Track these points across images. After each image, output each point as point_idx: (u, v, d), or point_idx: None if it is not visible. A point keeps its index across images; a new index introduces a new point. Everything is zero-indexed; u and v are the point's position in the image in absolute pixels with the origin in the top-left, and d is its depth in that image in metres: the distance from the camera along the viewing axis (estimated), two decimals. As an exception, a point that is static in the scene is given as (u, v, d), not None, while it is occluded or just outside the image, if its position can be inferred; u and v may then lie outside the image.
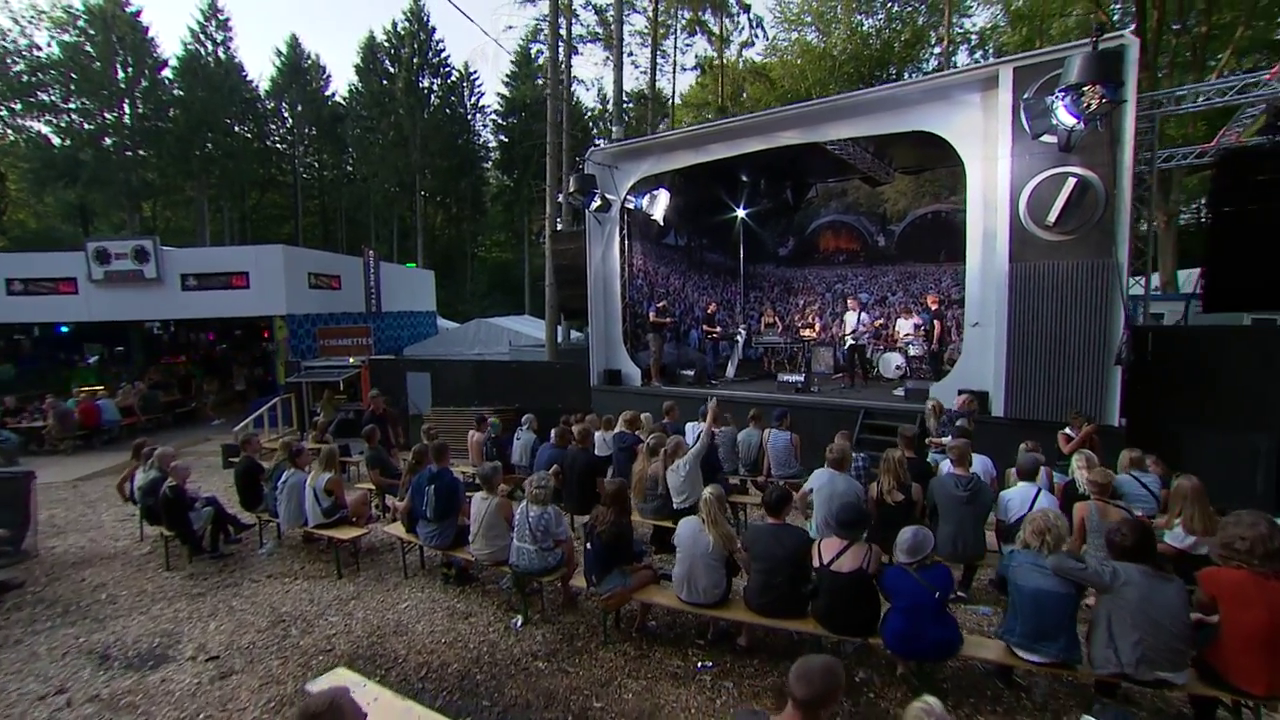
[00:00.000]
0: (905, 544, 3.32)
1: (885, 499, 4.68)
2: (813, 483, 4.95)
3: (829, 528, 4.70)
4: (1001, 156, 7.77)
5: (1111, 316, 7.16)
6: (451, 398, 14.02)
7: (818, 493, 4.89)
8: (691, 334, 14.15)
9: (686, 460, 5.31)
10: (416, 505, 5.02)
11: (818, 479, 4.91)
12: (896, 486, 4.65)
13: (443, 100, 36.41)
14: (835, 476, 4.84)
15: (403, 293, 21.82)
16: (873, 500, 4.81)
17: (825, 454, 5.03)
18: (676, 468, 5.33)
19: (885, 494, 4.68)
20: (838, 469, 4.89)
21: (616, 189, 11.75)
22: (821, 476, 4.91)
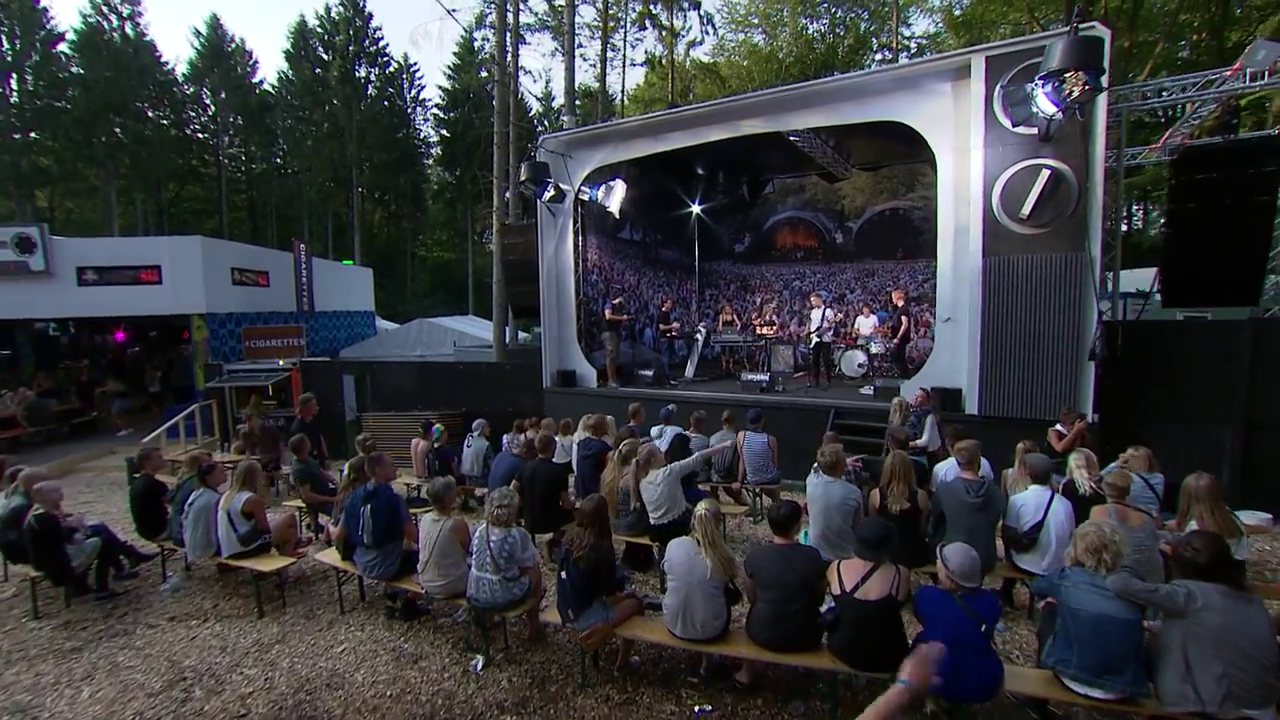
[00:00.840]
0: (958, 566, 2.85)
1: (889, 508, 4.24)
2: (808, 493, 4.48)
3: (829, 544, 4.26)
4: (974, 148, 7.58)
5: (1085, 311, 7.05)
6: (392, 402, 13.05)
7: (812, 503, 4.42)
8: (646, 333, 13.65)
9: (667, 472, 4.74)
10: (351, 529, 4.26)
11: (812, 488, 4.44)
12: (905, 494, 4.22)
13: (380, 91, 34.72)
14: (830, 484, 4.38)
15: (338, 291, 20.44)
16: (873, 509, 4.37)
17: (817, 458, 4.56)
18: (654, 479, 4.76)
19: (889, 502, 4.25)
20: (831, 475, 4.44)
21: (570, 179, 11.11)
22: (814, 484, 4.44)
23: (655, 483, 4.74)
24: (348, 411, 12.91)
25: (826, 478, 4.41)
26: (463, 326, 21.63)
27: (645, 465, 4.79)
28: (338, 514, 4.67)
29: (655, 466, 4.77)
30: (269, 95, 32.79)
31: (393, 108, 35.96)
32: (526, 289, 12.40)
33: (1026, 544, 4.03)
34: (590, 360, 11.49)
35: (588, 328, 11.93)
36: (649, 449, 4.91)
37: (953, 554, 2.88)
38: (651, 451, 4.88)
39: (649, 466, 4.78)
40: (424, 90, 38.07)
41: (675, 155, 11.88)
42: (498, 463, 6.07)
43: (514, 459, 5.92)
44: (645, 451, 4.85)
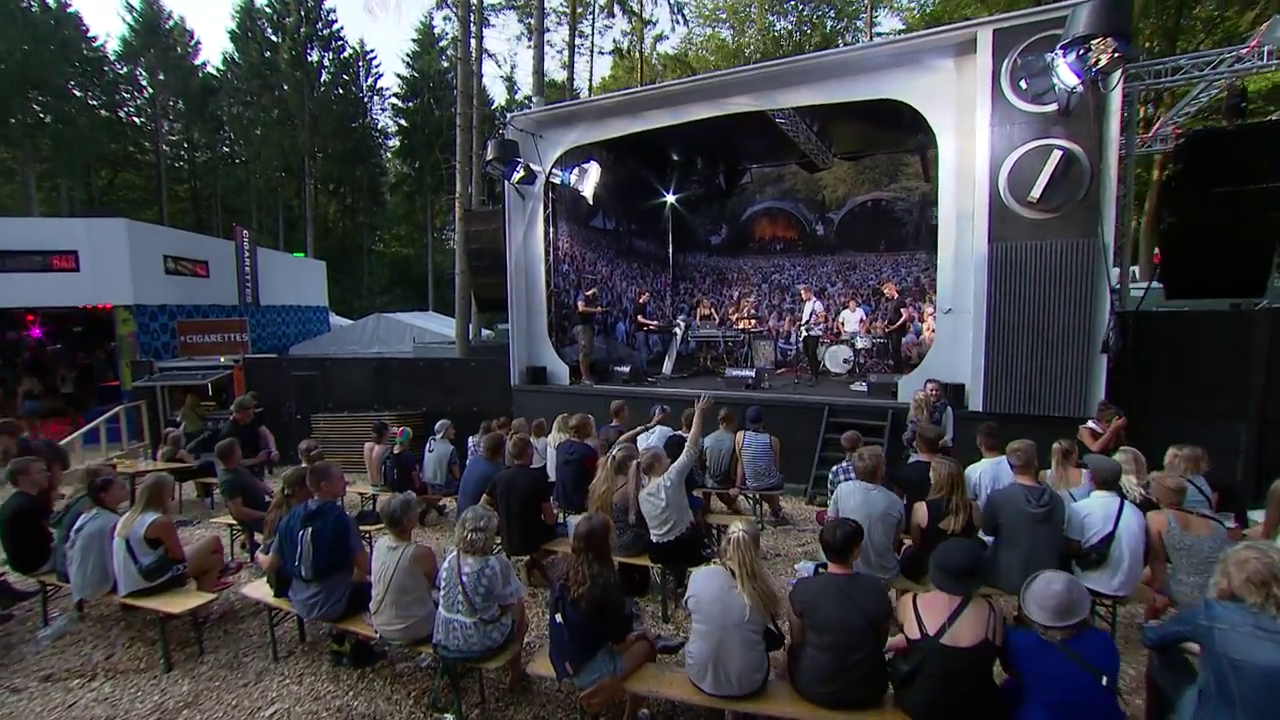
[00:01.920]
0: (1050, 599, 2.23)
1: (942, 525, 3.62)
2: (839, 503, 3.84)
3: (867, 564, 3.61)
4: (980, 127, 7.12)
5: (1097, 300, 6.65)
6: (346, 402, 12.00)
7: (848, 514, 3.77)
8: (619, 327, 12.93)
9: (668, 479, 4.04)
10: (287, 558, 3.41)
11: (847, 497, 3.80)
12: (965, 508, 3.61)
13: (334, 77, 32.96)
14: (870, 492, 3.75)
15: (287, 285, 19.06)
16: (917, 526, 3.75)
17: (851, 462, 3.93)
18: (655, 490, 4.05)
19: (944, 518, 3.63)
20: (870, 481, 3.81)
21: (541, 160, 10.31)
22: (852, 493, 3.80)
23: (658, 493, 4.03)
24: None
25: (866, 485, 3.78)
26: (423, 322, 20.51)
27: (648, 472, 4.08)
28: (269, 538, 3.79)
29: (659, 473, 4.06)
30: (213, 78, 30.71)
31: (348, 95, 34.21)
32: (492, 280, 11.54)
33: (1095, 560, 3.47)
34: (562, 356, 10.73)
35: (559, 321, 11.16)
36: (652, 453, 4.19)
37: (1042, 591, 2.25)
38: (655, 456, 4.17)
39: (652, 473, 4.07)
40: (382, 79, 36.50)
41: (650, 139, 11.24)
42: (468, 470, 5.26)
43: (486, 465, 5.13)
44: (648, 456, 4.14)
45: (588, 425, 6.03)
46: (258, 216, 31.90)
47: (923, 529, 3.67)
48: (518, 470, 4.77)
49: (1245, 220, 7.12)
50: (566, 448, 5.76)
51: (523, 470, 4.78)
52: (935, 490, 3.77)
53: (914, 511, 3.80)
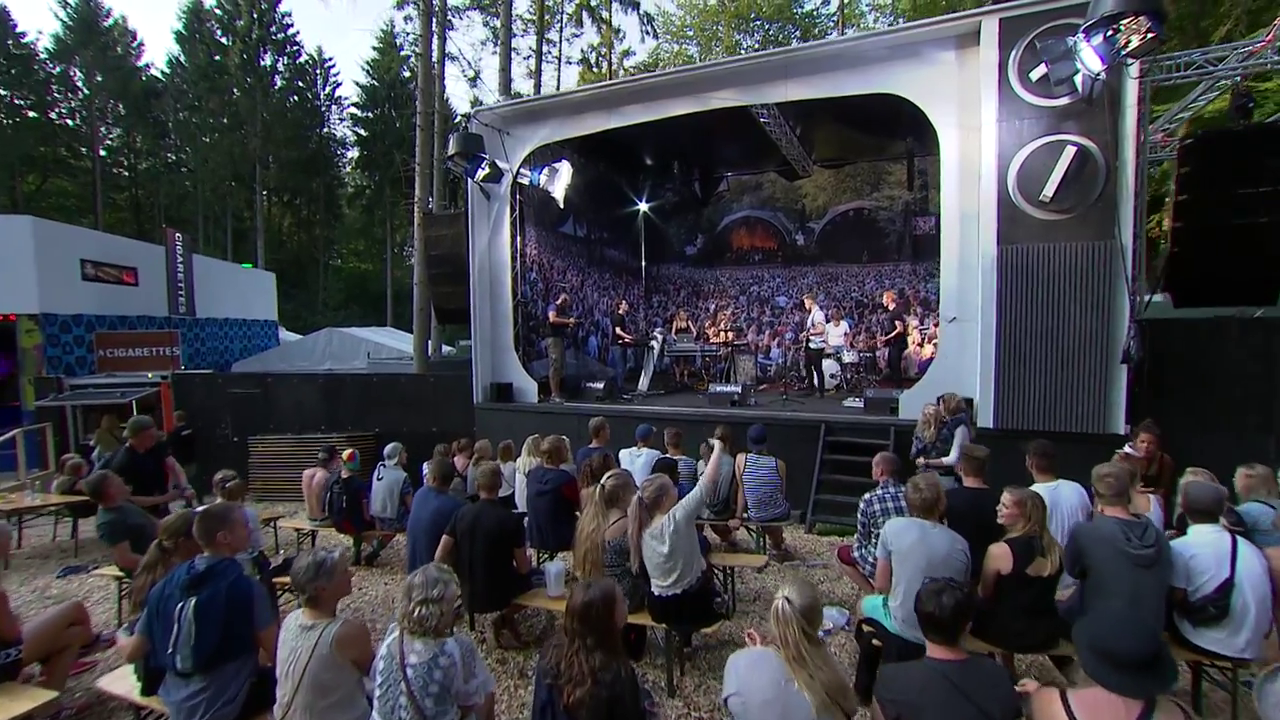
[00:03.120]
0: None
1: (1025, 570, 2.91)
2: (891, 542, 3.09)
3: (923, 627, 2.86)
4: (985, 123, 6.65)
5: (1115, 307, 6.17)
6: (290, 423, 10.86)
7: (902, 558, 3.04)
8: (591, 341, 12.15)
9: (674, 517, 3.24)
10: (158, 642, 2.45)
11: (899, 535, 3.06)
12: (1055, 550, 2.92)
13: (289, 83, 31.63)
14: (930, 531, 3.02)
15: (233, 297, 17.74)
16: (994, 572, 3.03)
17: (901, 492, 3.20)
18: (657, 532, 3.25)
19: (1027, 562, 2.92)
20: (928, 516, 3.08)
21: (508, 159, 9.52)
22: (905, 530, 3.07)
23: (660, 535, 3.22)
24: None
25: (923, 521, 3.04)
26: (379, 338, 19.35)
27: (653, 508, 3.28)
28: (135, 613, 2.77)
29: (665, 509, 3.26)
30: (157, 81, 29.03)
31: (304, 104, 32.88)
32: (453, 289, 10.62)
33: (1213, 615, 2.79)
34: (529, 371, 9.87)
35: (526, 333, 10.31)
36: (659, 484, 3.38)
37: None
38: (663, 486, 3.36)
39: (657, 509, 3.27)
40: (341, 87, 35.27)
41: (623, 142, 10.63)
42: (416, 507, 4.33)
43: (443, 500, 4.23)
44: (653, 487, 3.33)
45: (562, 449, 5.19)
46: (205, 227, 30.13)
47: (1000, 576, 2.95)
48: (483, 506, 3.90)
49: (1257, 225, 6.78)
50: (539, 476, 4.91)
51: (489, 506, 3.91)
52: (1014, 524, 3.08)
53: (989, 556, 3.07)
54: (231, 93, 28.52)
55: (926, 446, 5.69)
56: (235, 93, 28.67)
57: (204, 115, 28.23)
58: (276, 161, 31.18)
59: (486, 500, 3.94)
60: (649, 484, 3.38)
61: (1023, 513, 2.96)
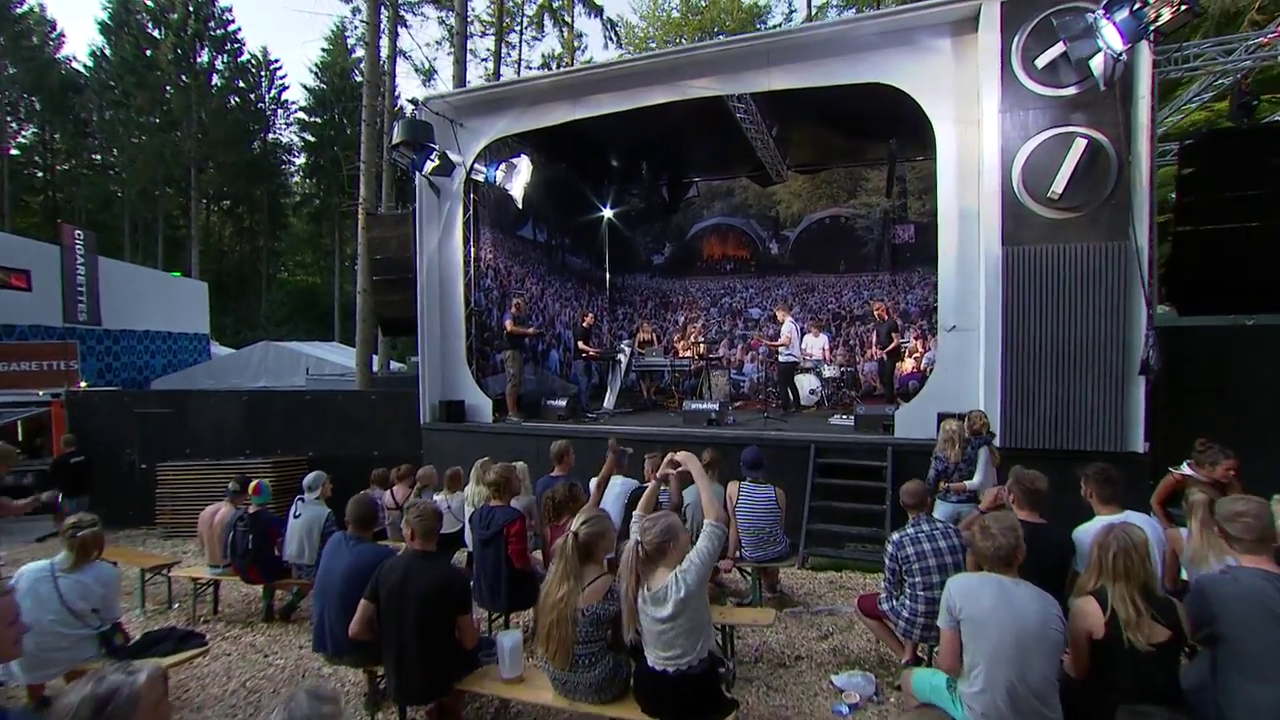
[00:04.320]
0: None
1: (1130, 637, 2.17)
2: (959, 607, 2.31)
3: (1021, 715, 2.08)
4: (986, 114, 6.14)
5: (1131, 313, 5.66)
6: (209, 447, 9.56)
7: (978, 629, 2.27)
8: (552, 355, 11.23)
9: (690, 577, 2.40)
10: None
11: (972, 597, 2.28)
12: (1152, 609, 2.17)
13: (228, 82, 29.84)
14: (1014, 591, 2.25)
15: (156, 307, 16.16)
16: (1083, 636, 2.28)
17: (974, 541, 2.43)
18: (663, 594, 2.39)
19: (1128, 626, 2.17)
20: (1007, 570, 2.31)
21: (461, 153, 8.61)
22: (979, 590, 2.30)
23: (666, 599, 2.37)
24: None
25: (1003, 578, 2.28)
26: (321, 352, 17.95)
27: (655, 559, 2.42)
28: None
29: (672, 562, 2.41)
30: (78, 75, 26.88)
31: (247, 106, 31.11)
32: (400, 297, 9.59)
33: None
34: (484, 387, 8.91)
35: (480, 346, 9.34)
36: (664, 525, 2.51)
37: None
38: (669, 531, 2.49)
39: (660, 561, 2.42)
40: (287, 90, 33.58)
41: (587, 140, 9.88)
42: (329, 557, 3.32)
43: (363, 550, 3.25)
44: (658, 531, 2.47)
45: (513, 480, 4.30)
46: (133, 234, 27.93)
47: (1093, 642, 2.21)
48: (414, 559, 2.95)
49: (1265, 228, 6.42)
50: (483, 516, 3.97)
51: (423, 560, 2.96)
52: (1097, 572, 2.35)
53: (1075, 614, 2.33)
54: (164, 90, 26.60)
55: (949, 468, 4.98)
56: (168, 90, 26.77)
57: (131, 112, 26.17)
58: (215, 165, 29.25)
59: (420, 552, 2.99)
60: (651, 526, 2.51)
61: (1118, 566, 2.24)
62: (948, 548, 3.43)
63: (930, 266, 10.33)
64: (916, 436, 6.49)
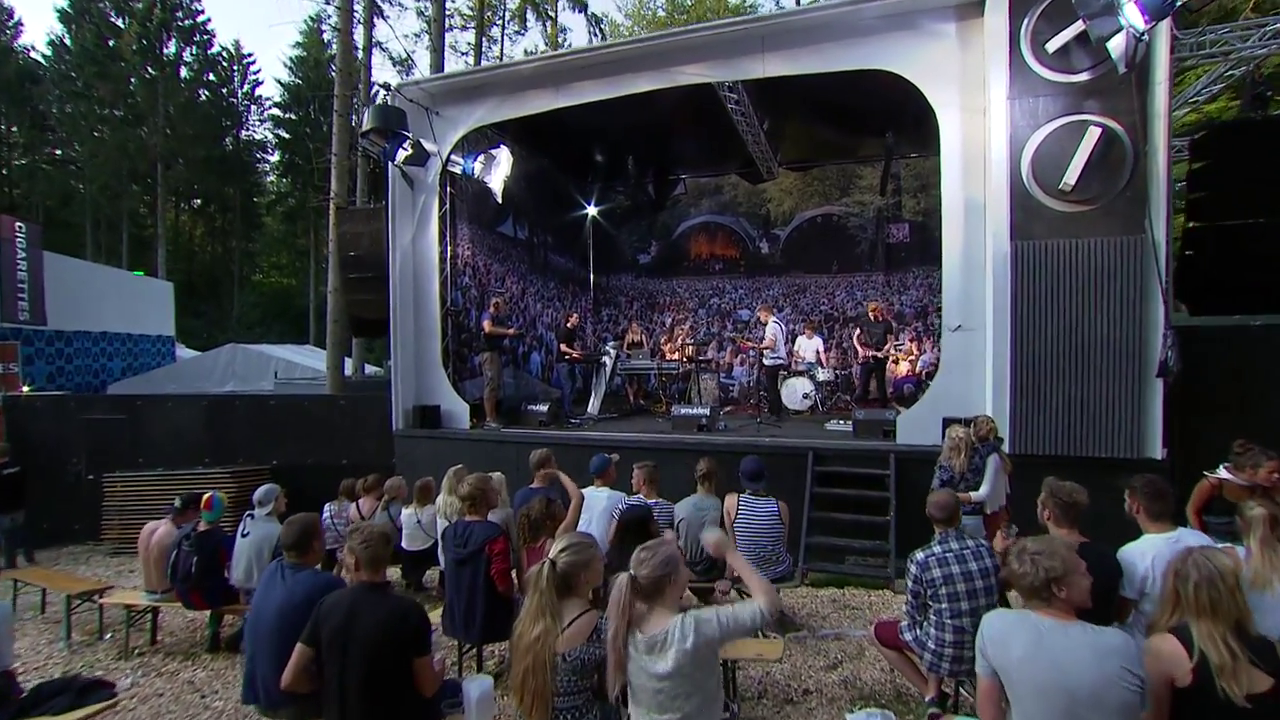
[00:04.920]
0: None
1: (1225, 687, 1.79)
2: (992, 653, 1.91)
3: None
4: (994, 102, 5.82)
5: (1148, 312, 5.35)
6: (165, 456, 8.95)
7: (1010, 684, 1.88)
8: (533, 357, 10.74)
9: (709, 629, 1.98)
10: None
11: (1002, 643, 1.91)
12: (1248, 652, 1.80)
13: (197, 75, 28.84)
14: (1054, 637, 1.86)
15: (115, 307, 15.36)
16: (1164, 683, 1.90)
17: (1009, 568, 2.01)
18: (662, 639, 1.96)
19: (1221, 674, 1.80)
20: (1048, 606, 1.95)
21: (437, 143, 8.12)
22: (1010, 635, 1.92)
23: (664, 648, 1.94)
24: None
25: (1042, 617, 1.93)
26: (293, 356, 17.23)
27: (652, 595, 2.00)
28: None
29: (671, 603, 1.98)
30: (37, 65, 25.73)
31: (218, 100, 30.14)
32: (372, 296, 9.06)
33: None
34: (461, 392, 8.42)
35: (457, 348, 8.85)
36: (663, 556, 2.07)
37: None
38: (669, 563, 2.05)
39: (658, 599, 1.99)
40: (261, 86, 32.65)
41: (570, 132, 9.46)
42: (263, 591, 2.81)
43: (302, 581, 2.75)
44: (657, 563, 2.03)
45: (489, 492, 3.84)
46: (95, 233, 26.83)
47: (1175, 691, 1.82)
48: (362, 594, 2.48)
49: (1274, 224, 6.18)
50: (458, 533, 3.51)
51: (372, 594, 2.48)
52: (1172, 606, 1.98)
53: (1152, 655, 1.94)
54: (128, 82, 25.57)
55: (955, 477, 4.61)
56: (133, 82, 25.75)
57: (93, 104, 25.07)
58: (184, 162, 28.24)
59: (368, 584, 2.51)
60: (648, 556, 2.07)
61: (1226, 576, 1.86)
62: (979, 570, 3.04)
63: (926, 266, 10.12)
64: (920, 443, 6.14)
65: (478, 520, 3.66)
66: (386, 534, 2.62)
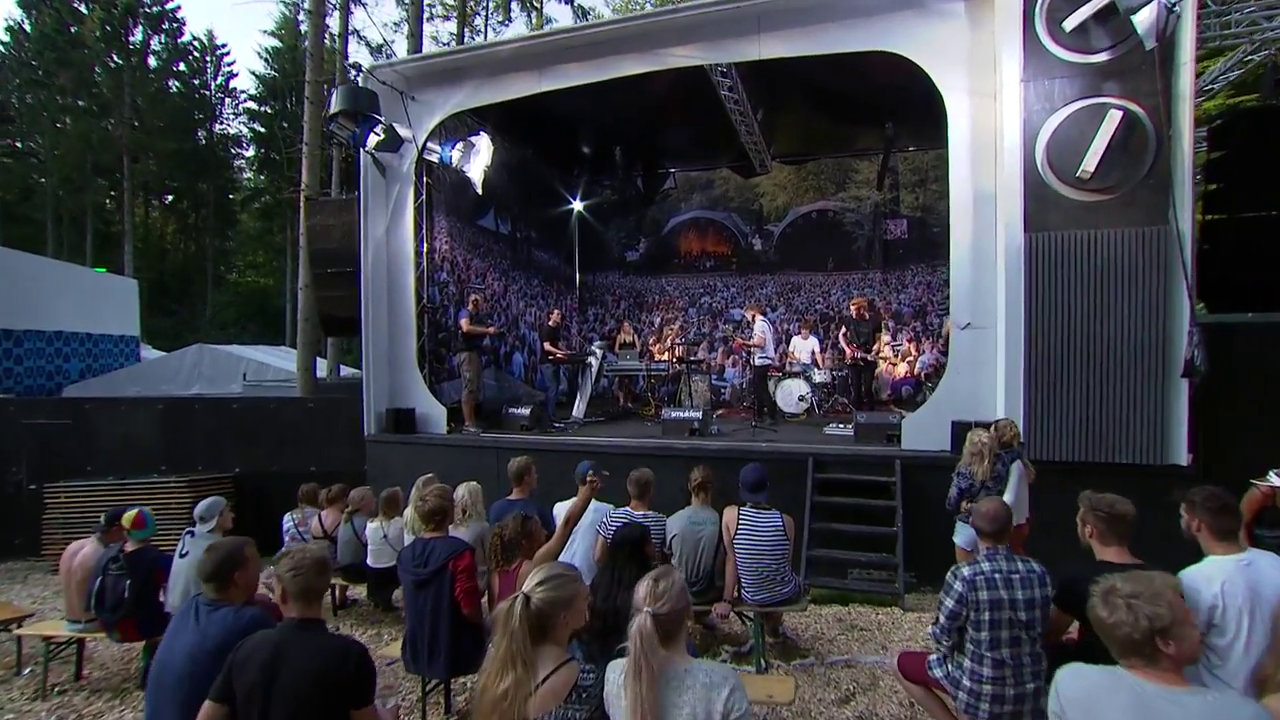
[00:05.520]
0: None
1: None
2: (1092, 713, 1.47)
3: None
4: (1006, 84, 5.48)
5: (1172, 307, 5.03)
6: (115, 463, 8.32)
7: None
8: (515, 358, 10.26)
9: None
10: None
11: (1088, 709, 1.50)
12: None
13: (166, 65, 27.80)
14: (1162, 707, 1.44)
15: (71, 305, 14.54)
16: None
17: (1093, 613, 1.58)
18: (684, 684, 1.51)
19: None
20: (1151, 666, 1.53)
21: (413, 129, 7.62)
22: (1103, 702, 1.50)
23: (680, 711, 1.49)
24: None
25: (1151, 687, 1.50)
26: (264, 356, 16.49)
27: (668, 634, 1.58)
28: None
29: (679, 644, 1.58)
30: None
31: (188, 89, 29.11)
32: (344, 293, 8.50)
33: None
34: (438, 394, 7.93)
35: (434, 347, 8.34)
36: (680, 586, 1.65)
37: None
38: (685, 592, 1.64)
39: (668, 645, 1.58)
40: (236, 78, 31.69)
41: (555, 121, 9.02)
42: (172, 634, 2.30)
43: (218, 620, 2.26)
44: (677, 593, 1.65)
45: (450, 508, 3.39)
46: (57, 229, 25.73)
47: None
48: (290, 635, 2.00)
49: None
50: (418, 554, 3.04)
51: (303, 634, 2.01)
52: None
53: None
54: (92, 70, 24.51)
55: (975, 485, 4.21)
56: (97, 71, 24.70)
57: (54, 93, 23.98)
58: (153, 156, 27.21)
59: (298, 621, 2.04)
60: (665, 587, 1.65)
61: None
62: (1029, 600, 2.63)
63: (924, 264, 9.80)
64: (927, 448, 5.78)
65: (439, 537, 3.21)
66: (323, 560, 2.14)
